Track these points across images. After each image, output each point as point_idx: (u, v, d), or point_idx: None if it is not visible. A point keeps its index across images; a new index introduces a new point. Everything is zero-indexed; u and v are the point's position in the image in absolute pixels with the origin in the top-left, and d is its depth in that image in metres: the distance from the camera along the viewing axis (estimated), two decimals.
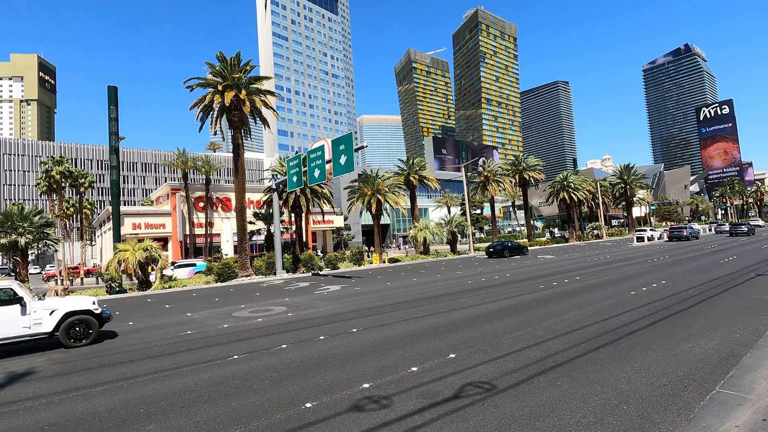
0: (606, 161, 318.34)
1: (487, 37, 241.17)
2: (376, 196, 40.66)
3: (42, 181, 46.04)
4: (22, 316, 9.84)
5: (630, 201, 73.83)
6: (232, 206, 52.33)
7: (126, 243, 25.97)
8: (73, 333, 10.35)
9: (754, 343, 7.38)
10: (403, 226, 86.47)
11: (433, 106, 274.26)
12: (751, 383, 5.58)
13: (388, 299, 15.73)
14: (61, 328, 10.20)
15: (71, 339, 10.32)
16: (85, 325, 10.51)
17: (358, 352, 8.31)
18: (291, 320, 12.53)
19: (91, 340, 10.53)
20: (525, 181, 56.59)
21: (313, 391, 6.22)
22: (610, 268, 22.21)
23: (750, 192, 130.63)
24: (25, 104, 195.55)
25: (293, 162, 29.35)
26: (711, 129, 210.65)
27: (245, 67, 29.96)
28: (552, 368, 6.63)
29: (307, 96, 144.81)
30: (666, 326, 8.97)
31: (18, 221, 22.08)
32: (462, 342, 8.59)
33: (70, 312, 10.36)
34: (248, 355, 8.57)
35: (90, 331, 10.57)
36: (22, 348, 10.65)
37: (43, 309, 10.16)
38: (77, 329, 10.41)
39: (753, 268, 18.21)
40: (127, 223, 46.79)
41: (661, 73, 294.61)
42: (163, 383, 7.08)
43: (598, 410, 5.04)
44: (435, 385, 6.16)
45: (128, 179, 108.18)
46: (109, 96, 28.07)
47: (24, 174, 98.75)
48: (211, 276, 29.14)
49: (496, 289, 16.72)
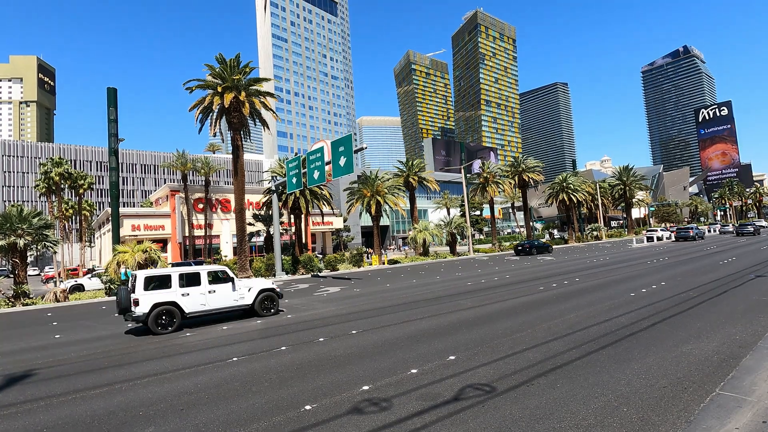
0: (605, 163, 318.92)
1: (487, 39, 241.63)
2: (375, 197, 40.67)
3: (41, 182, 45.97)
4: (233, 292, 13.27)
5: (629, 202, 73.89)
6: (231, 208, 52.29)
7: (125, 244, 25.95)
8: (263, 306, 13.73)
9: (754, 344, 7.37)
10: (402, 227, 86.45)
11: (433, 107, 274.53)
12: (751, 385, 5.58)
13: (387, 301, 15.72)
14: (257, 301, 13.57)
15: (263, 310, 13.69)
16: (270, 300, 13.94)
17: (358, 354, 8.30)
18: (290, 322, 12.52)
19: (274, 311, 13.94)
20: (524, 183, 56.60)
21: (313, 394, 6.21)
22: (609, 269, 22.21)
23: (749, 193, 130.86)
24: (24, 106, 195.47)
25: (293, 163, 29.36)
26: (710, 130, 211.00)
27: (244, 68, 29.98)
28: (552, 370, 6.63)
29: (307, 97, 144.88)
30: (666, 328, 8.96)
31: (17, 223, 22.04)
32: (462, 344, 8.58)
33: (263, 289, 13.80)
34: (247, 357, 8.56)
35: (274, 304, 14.00)
36: (229, 316, 13.86)
37: (244, 287, 13.57)
38: (266, 303, 13.82)
39: (753, 269, 18.22)
40: (126, 224, 46.73)
41: (660, 75, 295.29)
42: (162, 385, 7.06)
43: (598, 412, 5.03)
44: (435, 387, 6.15)
45: (127, 181, 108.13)
46: (108, 98, 28.07)
47: (23, 175, 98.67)
48: None
49: (495, 290, 16.71)
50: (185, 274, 12.69)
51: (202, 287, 12.78)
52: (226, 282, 13.25)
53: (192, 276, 12.76)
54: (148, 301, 11.80)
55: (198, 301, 12.61)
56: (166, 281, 12.35)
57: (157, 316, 11.79)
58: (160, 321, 11.84)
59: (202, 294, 12.71)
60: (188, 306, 12.40)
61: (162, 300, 11.98)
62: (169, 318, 11.98)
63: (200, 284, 12.78)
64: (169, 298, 12.11)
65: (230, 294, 13.18)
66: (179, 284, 12.45)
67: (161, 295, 12.07)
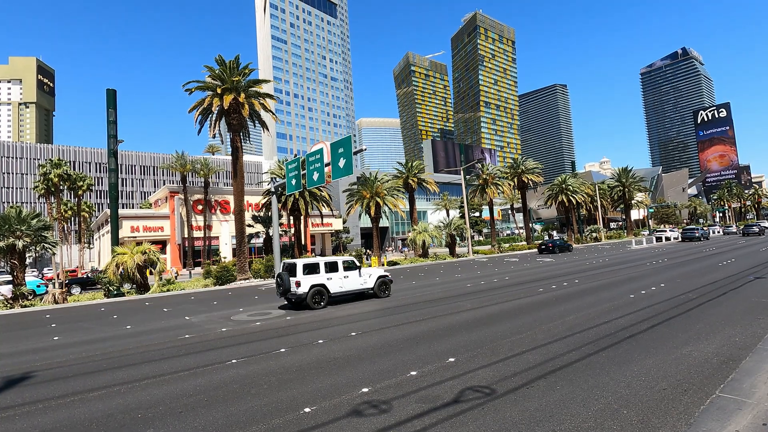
0: (604, 164, 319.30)
1: (486, 41, 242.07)
2: (374, 198, 40.66)
3: (40, 183, 45.93)
4: (359, 277, 16.60)
5: (628, 204, 73.93)
6: (230, 209, 52.24)
7: (124, 246, 25.90)
8: (381, 288, 17.05)
9: (753, 346, 7.37)
10: (401, 228, 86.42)
11: (432, 109, 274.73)
12: (750, 387, 5.57)
13: (386, 302, 15.71)
14: (376, 285, 16.96)
15: (381, 292, 17.00)
16: (385, 284, 17.27)
17: (357, 356, 8.28)
18: (290, 324, 12.49)
19: (387, 294, 17.25)
20: (524, 184, 56.63)
21: (312, 396, 6.19)
22: (608, 271, 22.22)
23: (748, 195, 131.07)
24: (23, 107, 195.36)
25: (292, 165, 29.32)
26: (708, 132, 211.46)
27: (244, 70, 29.99)
28: (552, 372, 6.61)
29: (306, 99, 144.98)
30: (665, 330, 8.96)
31: (16, 224, 21.98)
32: (461, 346, 8.57)
33: (380, 276, 17.25)
34: (246, 359, 8.53)
35: (388, 287, 17.37)
36: (356, 297, 17.12)
37: (366, 274, 16.91)
38: (383, 287, 17.14)
39: (751, 271, 18.23)
40: (125, 226, 46.66)
41: (658, 77, 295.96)
42: (161, 387, 7.04)
43: (598, 415, 5.02)
44: (434, 390, 6.14)
45: (127, 182, 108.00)
46: (107, 99, 28.05)
47: (22, 177, 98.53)
48: (209, 279, 29.06)
49: (495, 292, 16.70)
50: (328, 262, 16.06)
51: (340, 273, 16.12)
52: (354, 269, 16.56)
53: (332, 264, 16.11)
54: (306, 283, 15.11)
55: (337, 284, 15.96)
56: (316, 268, 15.62)
57: (313, 294, 15.07)
58: (315, 299, 15.09)
59: (340, 278, 16.07)
60: (332, 287, 15.75)
61: (316, 282, 15.32)
62: (320, 297, 15.23)
63: (338, 271, 16.11)
64: (320, 281, 15.45)
65: (358, 279, 16.56)
66: (325, 270, 15.74)
67: (314, 278, 15.37)
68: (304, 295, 14.93)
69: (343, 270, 16.20)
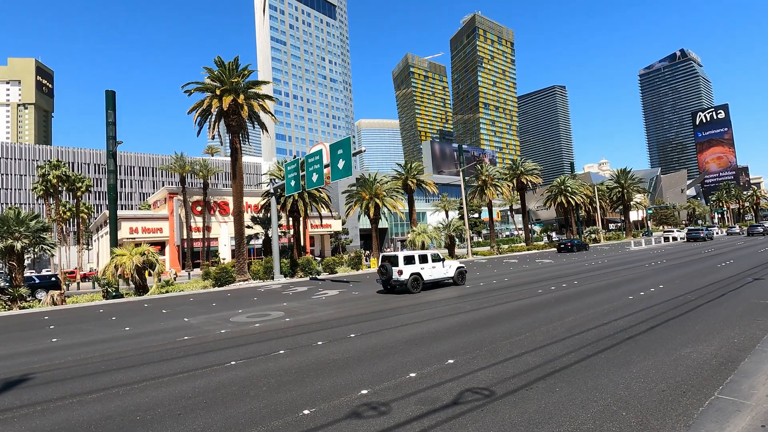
0: (603, 165, 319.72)
1: (485, 42, 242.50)
2: (374, 200, 40.68)
3: (39, 185, 45.85)
4: (443, 268, 20.00)
5: (627, 205, 74.07)
6: (229, 210, 52.24)
7: (123, 247, 25.86)
8: (460, 278, 20.60)
9: (752, 348, 7.38)
10: (401, 230, 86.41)
11: (431, 110, 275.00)
12: (749, 389, 5.58)
13: (385, 304, 15.70)
14: (456, 274, 20.47)
15: (459, 280, 20.56)
16: (462, 274, 20.78)
17: (357, 358, 8.28)
18: (289, 325, 12.47)
19: (463, 282, 20.65)
20: (523, 185, 56.71)
21: (311, 398, 6.18)
22: (607, 272, 22.24)
23: (746, 196, 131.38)
24: (22, 108, 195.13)
25: (291, 166, 29.35)
26: (707, 133, 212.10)
27: (243, 71, 30.00)
28: (551, 374, 6.62)
29: (306, 100, 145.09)
30: (664, 331, 8.97)
31: (14, 225, 21.95)
32: (461, 347, 8.57)
33: (458, 267, 20.70)
34: (245, 361, 8.52)
35: (464, 277, 20.94)
36: (439, 284, 20.52)
37: (447, 265, 20.24)
38: (461, 276, 20.67)
39: (750, 272, 18.27)
40: (124, 227, 46.61)
41: (657, 78, 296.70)
42: (160, 390, 7.02)
43: (597, 417, 5.03)
44: (434, 392, 6.13)
45: (125, 183, 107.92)
46: (106, 100, 28.04)
47: (21, 178, 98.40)
48: (208, 281, 29.03)
49: (494, 293, 16.71)
50: (420, 255, 19.32)
51: (429, 264, 19.40)
52: (439, 261, 19.94)
53: (423, 256, 19.48)
54: (407, 272, 18.45)
55: (428, 273, 19.25)
56: (412, 260, 18.96)
57: (412, 281, 18.37)
58: (414, 284, 18.39)
59: (430, 268, 19.37)
60: (425, 275, 19.02)
61: (414, 271, 18.65)
62: (416, 283, 18.53)
63: (428, 262, 19.41)
64: (416, 270, 18.76)
65: (442, 269, 19.91)
66: (419, 261, 19.05)
67: (412, 268, 18.68)
68: (405, 282, 18.22)
69: (431, 261, 19.50)
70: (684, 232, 60.43)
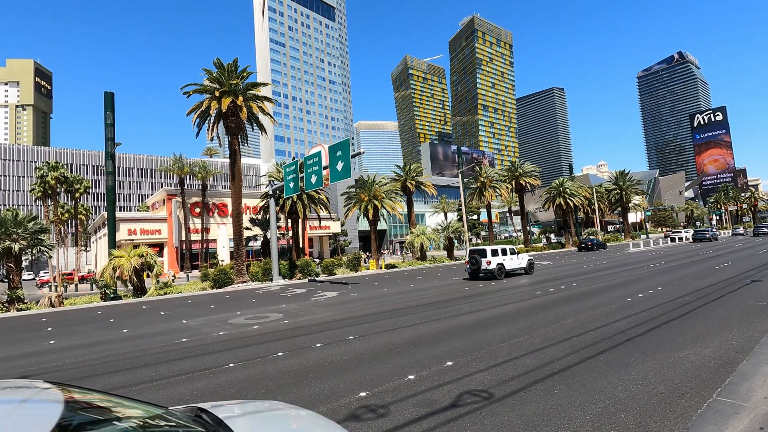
0: (602, 167, 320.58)
1: (483, 44, 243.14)
2: (372, 201, 40.68)
3: (37, 186, 45.71)
4: (518, 260, 24.16)
5: (626, 207, 74.22)
6: (228, 212, 52.18)
7: (121, 249, 25.82)
8: (530, 268, 24.77)
9: (750, 350, 7.39)
10: (399, 231, 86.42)
11: (430, 112, 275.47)
12: (748, 391, 5.59)
13: (385, 306, 15.69)
14: (527, 265, 24.63)
15: (530, 270, 24.65)
16: (531, 265, 24.90)
17: (355, 360, 8.26)
18: (287, 327, 12.45)
19: (533, 272, 24.87)
20: (521, 187, 56.79)
21: (310, 400, 6.16)
22: (606, 274, 22.26)
23: (744, 198, 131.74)
24: (20, 109, 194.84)
25: (290, 168, 29.34)
26: (705, 135, 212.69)
27: (242, 73, 30.04)
28: (549, 376, 6.61)
29: (304, 102, 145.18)
30: (663, 333, 8.97)
31: (12, 227, 21.90)
32: (459, 349, 8.56)
33: (529, 259, 24.89)
34: (244, 363, 8.50)
35: (533, 267, 25.35)
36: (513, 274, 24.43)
37: (520, 258, 24.27)
38: (531, 267, 24.83)
39: (748, 274, 18.30)
40: (122, 228, 46.53)
41: (655, 80, 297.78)
42: (157, 392, 7.00)
43: (595, 419, 5.03)
44: (432, 394, 6.12)
45: (124, 185, 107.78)
46: (105, 102, 28.02)
47: (19, 179, 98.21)
48: (207, 282, 28.97)
49: (493, 295, 16.71)
50: (502, 248, 23.47)
51: (508, 256, 23.52)
52: (515, 254, 24.06)
53: (504, 250, 23.55)
54: (495, 262, 22.54)
55: (508, 264, 23.34)
56: (497, 252, 23.01)
57: (498, 270, 22.53)
58: (500, 273, 22.58)
59: (509, 260, 23.50)
60: (507, 265, 23.15)
61: (499, 261, 22.76)
62: (500, 271, 22.67)
63: (507, 254, 23.51)
64: (501, 261, 22.92)
65: (517, 261, 24.02)
66: (501, 253, 23.15)
67: (498, 259, 22.79)
68: (493, 270, 22.18)
69: (510, 254, 23.52)
70: (690, 233, 62.99)
